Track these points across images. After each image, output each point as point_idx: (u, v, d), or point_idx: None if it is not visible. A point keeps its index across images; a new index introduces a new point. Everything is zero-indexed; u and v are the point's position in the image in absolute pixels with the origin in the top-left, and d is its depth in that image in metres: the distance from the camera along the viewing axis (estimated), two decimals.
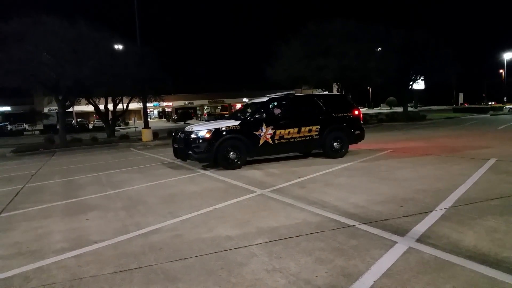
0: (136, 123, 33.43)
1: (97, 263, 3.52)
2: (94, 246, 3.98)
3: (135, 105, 29.17)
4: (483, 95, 71.44)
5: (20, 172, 10.80)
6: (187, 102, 75.84)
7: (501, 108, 39.40)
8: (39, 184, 8.40)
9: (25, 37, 17.17)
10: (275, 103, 9.59)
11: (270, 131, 8.99)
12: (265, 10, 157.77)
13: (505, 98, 56.97)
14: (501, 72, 59.77)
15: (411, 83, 31.06)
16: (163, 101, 30.00)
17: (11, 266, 3.58)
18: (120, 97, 27.74)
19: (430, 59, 27.36)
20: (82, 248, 3.95)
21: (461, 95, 71.56)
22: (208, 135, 8.58)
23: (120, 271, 3.29)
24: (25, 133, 46.01)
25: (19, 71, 17.09)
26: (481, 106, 48.72)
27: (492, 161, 7.78)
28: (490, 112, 37.99)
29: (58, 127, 23.46)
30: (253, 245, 3.73)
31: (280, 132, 9.09)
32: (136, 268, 3.34)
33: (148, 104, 24.63)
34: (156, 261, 3.48)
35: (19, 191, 7.62)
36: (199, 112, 74.37)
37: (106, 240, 4.16)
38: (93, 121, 52.11)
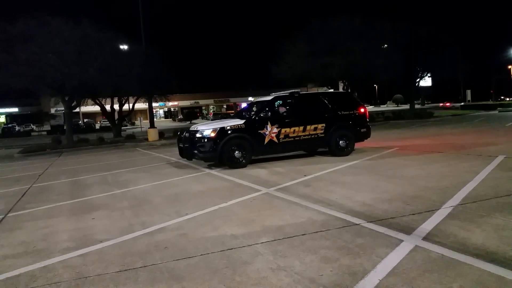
0: (142, 123, 33.59)
1: (102, 262, 3.54)
2: (100, 245, 4.00)
3: (141, 105, 29.33)
4: (491, 91, 70.42)
5: (27, 173, 10.91)
6: (192, 101, 76.00)
7: (510, 105, 38.89)
8: (46, 184, 8.48)
9: (30, 38, 17.33)
10: (280, 102, 9.55)
11: (275, 130, 8.96)
12: (270, 8, 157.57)
13: None
14: (510, 68, 59.02)
15: (418, 80, 30.82)
16: (169, 100, 30.13)
17: (18, 265, 3.61)
18: (126, 97, 27.90)
19: (437, 56, 27.11)
20: (88, 247, 3.97)
21: (468, 92, 70.67)
22: (213, 134, 8.58)
23: (125, 270, 3.30)
24: (32, 133, 46.54)
25: (26, 73, 17.26)
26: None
27: (500, 158, 7.68)
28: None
29: (65, 127, 23.68)
30: (258, 244, 3.71)
31: (285, 131, 9.06)
32: (141, 267, 3.34)
33: (154, 104, 24.79)
34: (161, 260, 3.48)
35: (26, 191, 7.69)
36: (204, 112, 74.49)
37: (112, 239, 4.18)
38: (100, 122, 52.42)
